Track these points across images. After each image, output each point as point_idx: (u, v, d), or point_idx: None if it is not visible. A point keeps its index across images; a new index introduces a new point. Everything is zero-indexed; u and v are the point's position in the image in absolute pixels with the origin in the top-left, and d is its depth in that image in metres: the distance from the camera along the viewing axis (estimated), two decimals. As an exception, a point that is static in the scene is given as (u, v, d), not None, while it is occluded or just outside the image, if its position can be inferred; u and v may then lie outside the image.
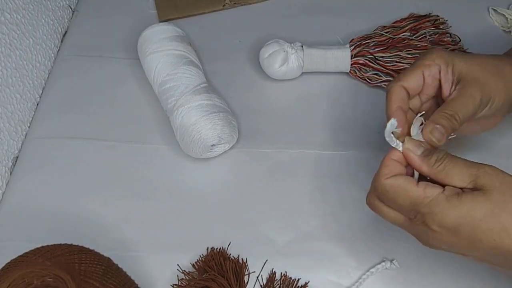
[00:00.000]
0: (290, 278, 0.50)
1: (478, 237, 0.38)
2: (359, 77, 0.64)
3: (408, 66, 0.48)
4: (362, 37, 0.65)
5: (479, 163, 0.40)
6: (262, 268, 0.51)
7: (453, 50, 0.63)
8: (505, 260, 0.39)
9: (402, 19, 0.68)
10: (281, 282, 0.50)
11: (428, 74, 0.47)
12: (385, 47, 0.63)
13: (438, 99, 0.48)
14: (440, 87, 0.47)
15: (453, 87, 0.47)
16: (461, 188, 0.40)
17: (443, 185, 0.40)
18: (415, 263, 0.51)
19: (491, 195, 0.38)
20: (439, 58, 0.47)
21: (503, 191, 0.38)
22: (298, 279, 0.50)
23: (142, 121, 0.62)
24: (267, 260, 0.51)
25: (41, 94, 0.65)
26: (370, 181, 0.56)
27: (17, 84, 0.60)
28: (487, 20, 0.71)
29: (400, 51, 0.63)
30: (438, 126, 0.43)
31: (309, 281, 0.50)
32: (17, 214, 0.55)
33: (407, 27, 0.66)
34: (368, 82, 0.64)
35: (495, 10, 0.71)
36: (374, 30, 0.67)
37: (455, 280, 0.49)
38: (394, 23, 0.67)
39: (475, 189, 0.39)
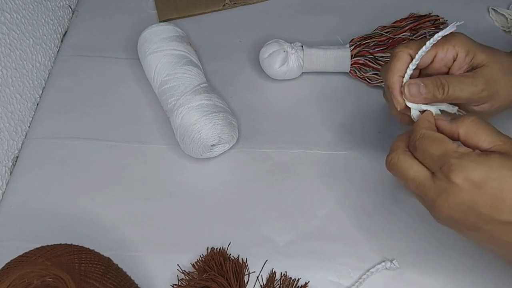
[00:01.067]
0: (290, 278, 0.50)
1: (502, 196, 0.37)
2: (359, 77, 0.64)
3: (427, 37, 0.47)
4: (362, 37, 0.65)
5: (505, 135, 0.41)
6: (262, 268, 0.51)
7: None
8: None
9: (402, 19, 0.68)
10: (281, 282, 0.50)
11: (441, 57, 0.46)
12: (385, 47, 0.63)
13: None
14: (447, 72, 0.47)
15: (464, 69, 0.47)
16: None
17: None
18: (415, 263, 0.51)
19: None
20: (461, 45, 0.46)
21: None
22: (298, 279, 0.50)
23: (142, 121, 0.62)
24: (267, 260, 0.51)
25: (41, 94, 0.65)
26: (370, 181, 0.56)
27: (17, 84, 0.60)
28: (487, 20, 0.71)
29: (400, 51, 0.63)
30: (421, 84, 0.44)
31: (309, 281, 0.50)
32: (17, 214, 0.55)
33: (407, 27, 0.66)
34: (368, 82, 0.64)
35: (495, 10, 0.71)
36: (374, 30, 0.67)
37: (455, 280, 0.49)
38: (394, 23, 0.67)
39: (502, 153, 0.39)
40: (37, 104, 0.65)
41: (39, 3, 0.65)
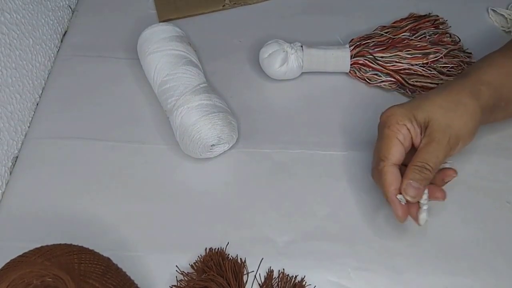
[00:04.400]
0: (288, 275, 0.50)
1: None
2: (358, 77, 0.64)
3: (380, 141, 0.50)
4: (362, 37, 0.65)
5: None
6: (259, 266, 0.51)
7: (452, 50, 0.63)
8: None
9: (402, 19, 0.68)
10: (279, 280, 0.50)
11: (403, 139, 0.49)
12: (385, 47, 0.63)
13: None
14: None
15: (422, 134, 0.49)
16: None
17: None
18: (415, 263, 0.51)
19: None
20: (401, 118, 0.49)
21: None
22: (296, 276, 0.50)
23: (142, 121, 0.62)
24: (263, 259, 0.51)
25: (41, 94, 0.65)
26: (370, 181, 0.56)
27: (17, 84, 0.60)
28: (487, 20, 0.71)
29: (400, 51, 0.63)
30: (410, 181, 0.47)
31: (304, 276, 0.50)
32: (17, 214, 0.55)
33: (407, 27, 0.66)
34: (368, 82, 0.64)
35: (494, 11, 0.71)
36: (374, 30, 0.67)
37: (455, 280, 0.49)
38: (394, 23, 0.67)
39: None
40: (37, 104, 0.64)
41: (39, 3, 0.65)
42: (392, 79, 0.62)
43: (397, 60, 0.62)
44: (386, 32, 0.65)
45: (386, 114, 0.50)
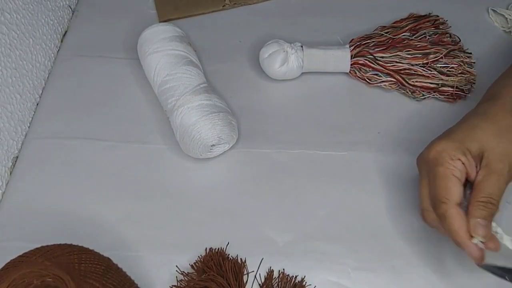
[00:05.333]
0: (288, 275, 0.50)
1: None
2: (359, 77, 0.64)
3: (434, 181, 0.46)
4: (362, 37, 0.65)
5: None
6: (259, 266, 0.51)
7: (452, 50, 0.63)
8: None
9: (402, 19, 0.68)
10: (279, 280, 0.50)
11: (460, 175, 0.45)
12: (385, 47, 0.63)
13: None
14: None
15: (478, 166, 0.46)
16: None
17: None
18: (415, 263, 0.51)
19: None
20: (454, 153, 0.45)
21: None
22: (296, 276, 0.50)
23: (142, 121, 0.62)
24: (263, 259, 0.51)
25: (41, 94, 0.65)
26: (370, 181, 0.56)
27: (17, 84, 0.60)
28: (487, 20, 0.71)
29: (400, 51, 0.63)
30: (478, 220, 0.43)
31: (304, 276, 0.50)
32: (17, 214, 0.55)
33: (407, 27, 0.66)
34: (368, 82, 0.64)
35: (494, 11, 0.71)
36: (374, 30, 0.67)
37: (455, 280, 0.49)
38: (394, 23, 0.67)
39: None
40: (37, 104, 0.64)
41: (39, 3, 0.65)
42: (392, 79, 0.62)
43: (397, 60, 0.62)
44: (386, 32, 0.65)
45: (436, 150, 0.46)
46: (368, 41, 0.64)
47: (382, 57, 0.63)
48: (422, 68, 0.62)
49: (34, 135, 0.61)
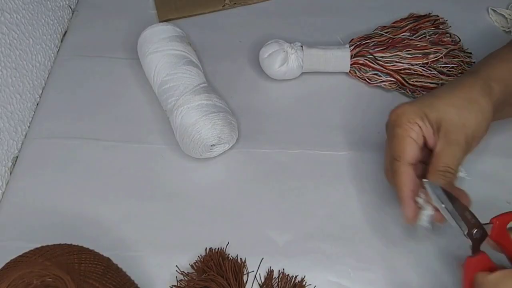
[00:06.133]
0: (288, 275, 0.50)
1: None
2: (359, 77, 0.64)
3: (392, 140, 0.48)
4: (362, 37, 0.65)
5: None
6: (259, 266, 0.51)
7: (452, 50, 0.63)
8: None
9: (402, 19, 0.68)
10: (279, 280, 0.50)
11: (416, 137, 0.47)
12: (385, 47, 0.63)
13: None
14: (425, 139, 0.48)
15: (436, 135, 0.47)
16: None
17: None
18: (415, 264, 0.51)
19: None
20: (412, 116, 0.47)
21: None
22: (296, 276, 0.50)
23: (142, 121, 0.62)
24: (263, 259, 0.51)
25: (41, 94, 0.65)
26: (370, 181, 0.56)
27: (17, 84, 0.60)
28: (487, 20, 0.71)
29: (400, 51, 0.63)
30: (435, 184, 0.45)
31: (304, 276, 0.50)
32: (17, 214, 0.55)
33: (406, 27, 0.66)
34: (368, 82, 0.64)
35: (494, 11, 0.71)
36: (374, 30, 0.67)
37: (455, 280, 0.49)
38: (394, 23, 0.67)
39: None
40: (37, 104, 0.64)
41: (39, 3, 0.65)
42: (392, 79, 0.62)
43: (397, 60, 0.62)
44: (386, 32, 0.65)
45: (396, 113, 0.48)
46: (368, 41, 0.64)
47: (382, 57, 0.63)
48: (422, 68, 0.62)
49: (34, 135, 0.61)
